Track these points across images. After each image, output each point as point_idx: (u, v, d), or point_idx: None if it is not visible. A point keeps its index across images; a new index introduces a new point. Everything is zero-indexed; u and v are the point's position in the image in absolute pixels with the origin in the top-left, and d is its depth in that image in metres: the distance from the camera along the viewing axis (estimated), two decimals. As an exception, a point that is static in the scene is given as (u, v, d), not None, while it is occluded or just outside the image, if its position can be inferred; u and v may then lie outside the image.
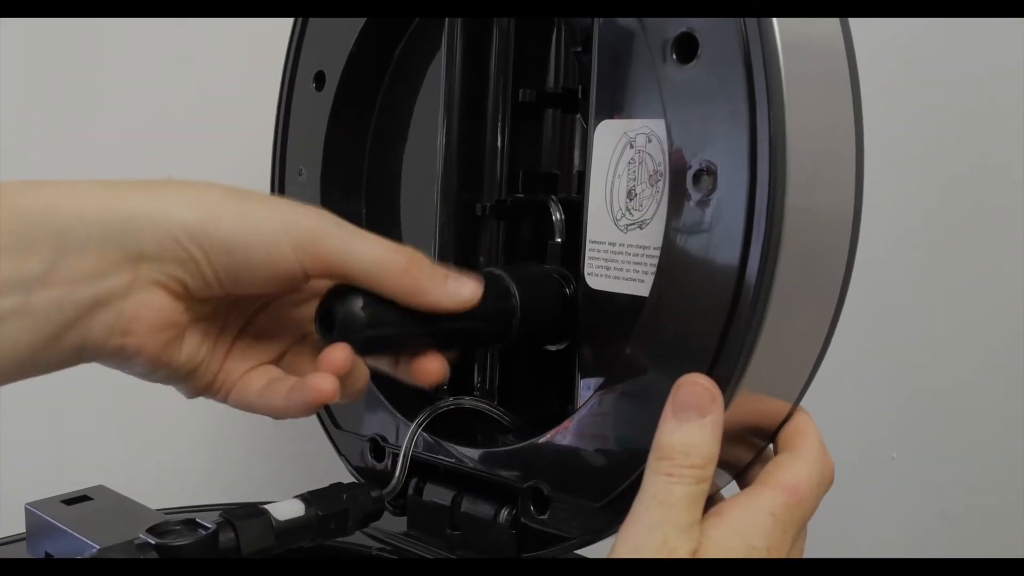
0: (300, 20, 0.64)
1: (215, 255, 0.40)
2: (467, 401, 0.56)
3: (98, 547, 0.47)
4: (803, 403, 0.45)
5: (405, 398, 0.58)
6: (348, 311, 0.43)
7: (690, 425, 0.40)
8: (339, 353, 0.43)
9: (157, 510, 0.59)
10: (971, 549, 0.75)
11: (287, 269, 0.42)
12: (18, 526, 0.60)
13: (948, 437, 0.76)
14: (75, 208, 0.38)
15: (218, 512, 0.47)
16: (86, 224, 0.38)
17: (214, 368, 0.45)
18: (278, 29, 0.65)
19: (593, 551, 0.49)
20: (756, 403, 0.43)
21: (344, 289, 0.43)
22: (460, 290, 0.44)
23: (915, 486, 0.78)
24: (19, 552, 0.59)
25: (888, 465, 0.78)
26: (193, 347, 0.44)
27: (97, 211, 0.39)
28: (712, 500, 0.41)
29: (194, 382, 0.45)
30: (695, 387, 0.40)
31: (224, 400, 0.46)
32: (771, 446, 0.45)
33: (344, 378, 0.43)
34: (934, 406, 0.76)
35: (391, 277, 0.42)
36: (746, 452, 0.45)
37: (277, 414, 0.45)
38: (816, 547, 0.44)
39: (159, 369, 0.43)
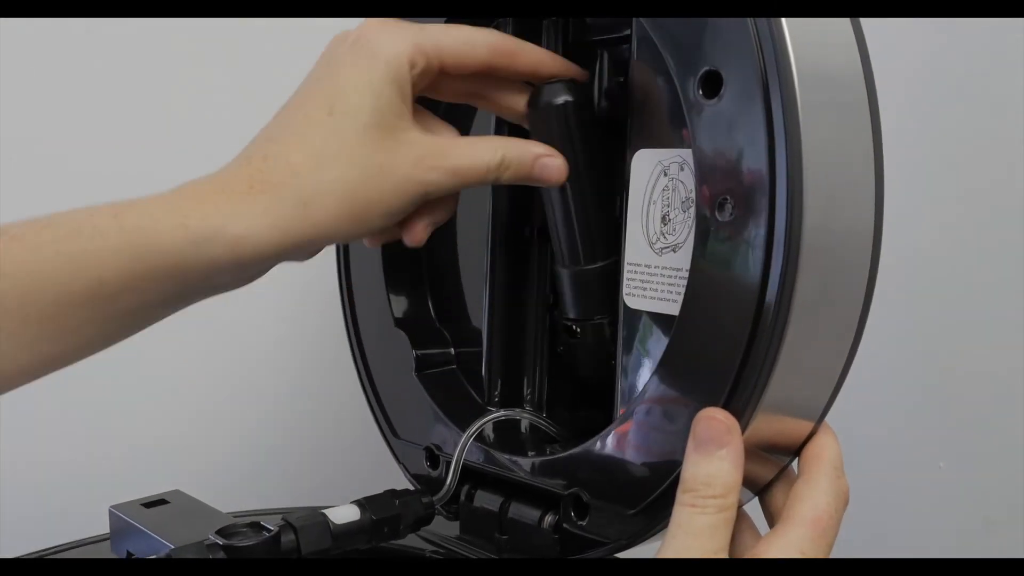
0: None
1: None
2: (517, 413, 0.59)
3: (172, 547, 0.51)
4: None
5: (459, 410, 0.61)
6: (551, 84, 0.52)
7: (710, 458, 0.42)
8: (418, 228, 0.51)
9: (227, 513, 0.62)
10: (1015, 555, 0.75)
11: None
12: (105, 526, 0.64)
13: (994, 447, 0.76)
14: None
15: (280, 516, 0.50)
16: None
17: None
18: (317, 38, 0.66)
19: (629, 555, 0.51)
20: (777, 424, 0.45)
21: None
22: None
23: (961, 494, 0.78)
24: (105, 550, 0.63)
25: (936, 474, 0.79)
26: None
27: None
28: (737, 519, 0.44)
29: None
30: (712, 421, 0.43)
31: None
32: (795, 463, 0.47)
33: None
34: (980, 416, 0.77)
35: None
36: (769, 470, 0.47)
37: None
38: (863, 551, 0.45)
39: None
